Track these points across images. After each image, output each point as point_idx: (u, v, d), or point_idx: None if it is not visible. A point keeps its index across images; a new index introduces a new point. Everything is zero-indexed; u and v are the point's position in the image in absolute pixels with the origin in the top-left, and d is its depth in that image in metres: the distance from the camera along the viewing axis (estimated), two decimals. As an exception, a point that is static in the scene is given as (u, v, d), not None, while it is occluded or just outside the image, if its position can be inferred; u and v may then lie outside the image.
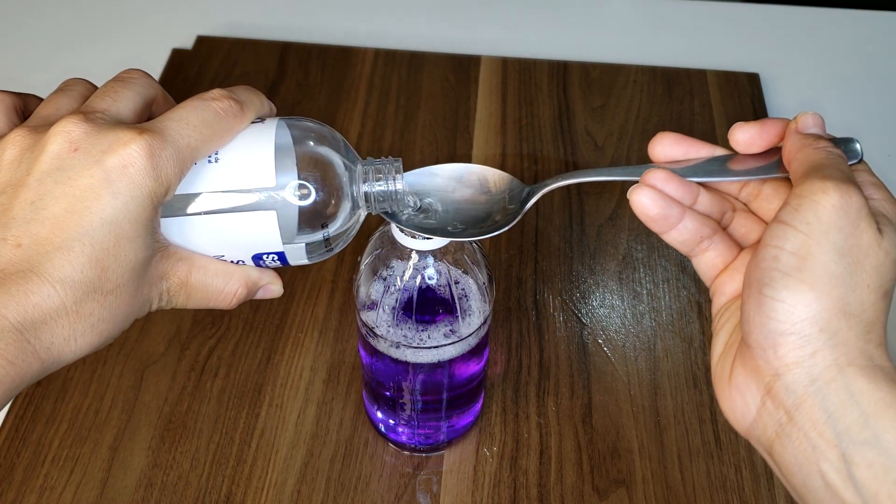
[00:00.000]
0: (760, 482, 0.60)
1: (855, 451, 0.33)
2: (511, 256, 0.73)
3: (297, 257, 0.41)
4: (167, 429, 0.62)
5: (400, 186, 0.42)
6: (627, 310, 0.69)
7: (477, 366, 0.57)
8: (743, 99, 0.87)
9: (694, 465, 0.60)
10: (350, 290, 0.70)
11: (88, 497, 0.58)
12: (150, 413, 0.63)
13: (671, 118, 0.85)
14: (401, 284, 0.51)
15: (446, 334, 0.52)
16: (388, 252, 0.51)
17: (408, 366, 0.54)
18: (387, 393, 0.57)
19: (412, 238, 0.47)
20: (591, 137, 0.83)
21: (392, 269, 0.51)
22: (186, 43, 0.92)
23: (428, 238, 0.47)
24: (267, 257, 0.40)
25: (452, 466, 0.60)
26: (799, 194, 0.35)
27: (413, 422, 0.58)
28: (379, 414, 0.60)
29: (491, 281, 0.53)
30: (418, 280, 0.51)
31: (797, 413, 0.35)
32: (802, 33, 0.97)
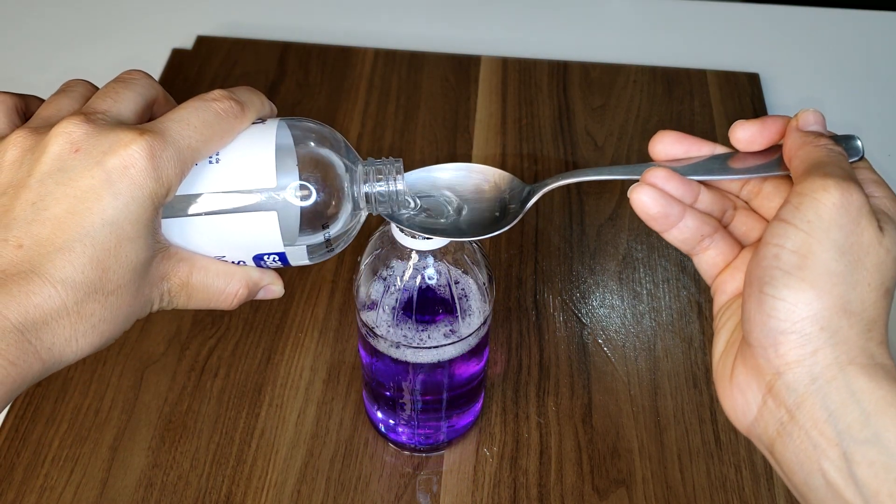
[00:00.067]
0: (760, 482, 0.60)
1: (856, 450, 0.33)
2: (511, 256, 0.73)
3: (298, 258, 0.41)
4: (167, 429, 0.62)
5: (401, 187, 0.42)
6: (627, 310, 0.69)
7: (477, 366, 0.57)
8: (743, 99, 0.87)
9: (694, 465, 0.60)
10: (350, 290, 0.70)
11: (88, 497, 0.58)
12: (150, 413, 0.63)
13: (671, 118, 0.85)
14: (401, 284, 0.51)
15: (446, 334, 0.52)
16: (388, 252, 0.51)
17: (408, 366, 0.53)
18: (387, 393, 0.57)
19: (412, 238, 0.47)
20: (591, 137, 0.83)
21: (392, 269, 0.51)
22: (186, 43, 0.92)
23: (428, 238, 0.47)
24: (268, 258, 0.40)
25: (452, 466, 0.60)
26: (800, 192, 0.35)
27: (413, 422, 0.58)
28: (379, 414, 0.60)
29: (491, 281, 0.53)
30: (418, 280, 0.50)
31: (798, 412, 0.35)
32: (802, 33, 0.97)
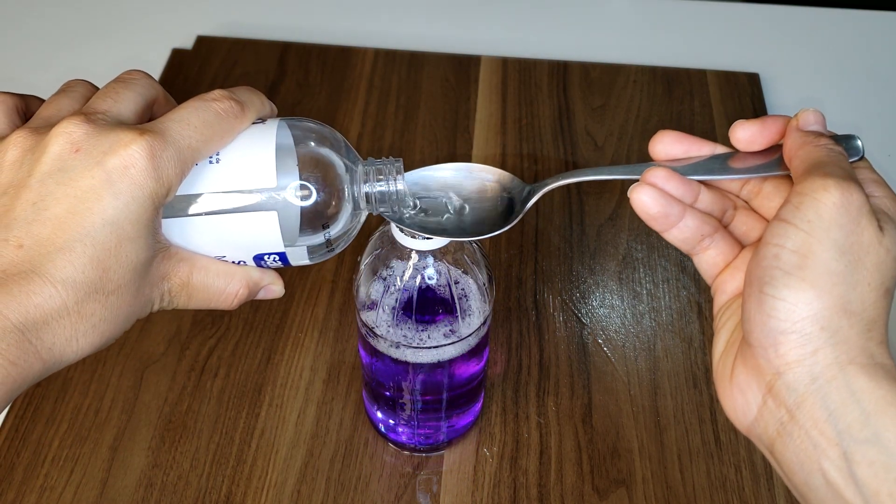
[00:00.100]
0: (760, 482, 0.60)
1: (856, 450, 0.33)
2: (511, 256, 0.73)
3: (299, 257, 0.41)
4: (167, 429, 0.62)
5: (401, 187, 0.42)
6: (627, 310, 0.69)
7: (477, 366, 0.57)
8: (743, 99, 0.87)
9: (694, 465, 0.60)
10: (350, 290, 0.70)
11: (88, 497, 0.58)
12: (150, 413, 0.63)
13: (671, 118, 0.85)
14: (401, 284, 0.51)
15: (446, 334, 0.52)
16: (388, 252, 0.51)
17: (408, 366, 0.53)
18: (387, 393, 0.57)
19: (412, 238, 0.47)
20: (591, 137, 0.83)
21: (392, 269, 0.51)
22: (186, 43, 0.92)
23: (428, 238, 0.47)
24: (268, 258, 0.40)
25: (452, 466, 0.60)
26: (800, 192, 0.35)
27: (413, 422, 0.58)
28: (379, 414, 0.60)
29: (491, 281, 0.53)
30: (418, 280, 0.50)
31: (798, 411, 0.35)
32: (802, 33, 0.97)
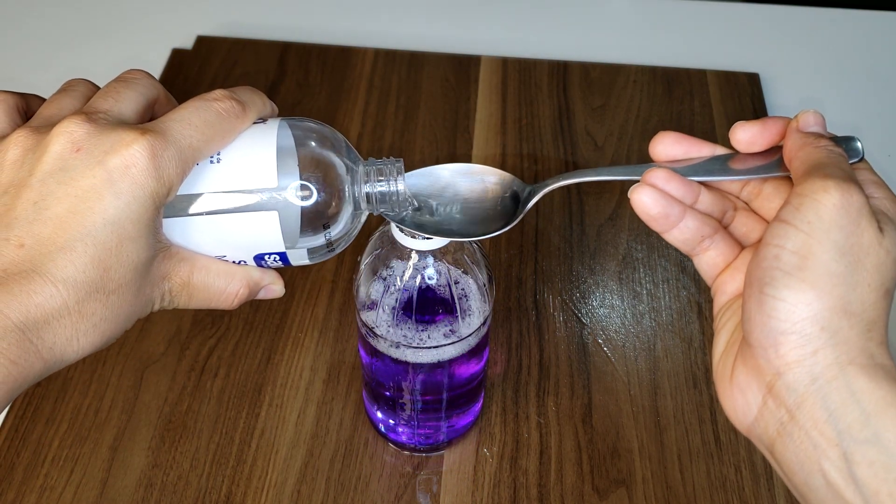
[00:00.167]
0: (760, 482, 0.60)
1: (856, 450, 0.33)
2: (511, 256, 0.73)
3: (299, 257, 0.41)
4: (167, 429, 0.62)
5: (402, 187, 0.42)
6: (627, 310, 0.70)
7: (477, 366, 0.57)
8: (743, 99, 0.87)
9: (694, 465, 0.60)
10: (350, 290, 0.70)
11: (88, 497, 0.58)
12: (150, 413, 0.63)
13: (671, 118, 0.85)
14: (401, 284, 0.51)
15: (446, 334, 0.52)
16: (388, 252, 0.51)
17: (408, 366, 0.54)
18: (387, 393, 0.57)
19: (412, 238, 0.47)
20: (591, 137, 0.83)
21: (392, 269, 0.51)
22: (186, 43, 0.92)
23: (428, 238, 0.47)
24: (269, 257, 0.40)
25: (452, 466, 0.60)
26: (800, 193, 0.35)
27: (413, 422, 0.58)
28: (379, 414, 0.60)
29: (491, 281, 0.53)
30: (418, 280, 0.51)
31: (798, 412, 0.35)
32: (802, 33, 0.97)
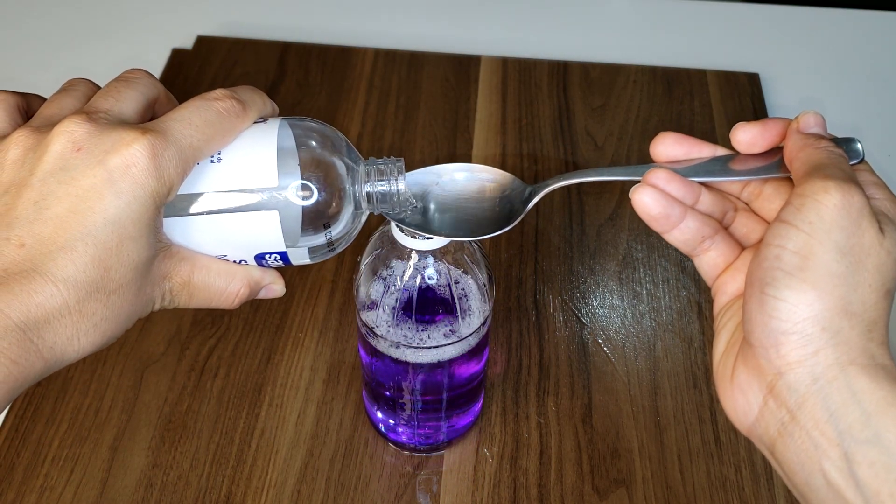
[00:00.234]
0: (760, 482, 0.60)
1: (857, 450, 0.33)
2: (511, 256, 0.73)
3: (300, 257, 0.41)
4: (167, 429, 0.62)
5: (402, 186, 0.42)
6: (627, 310, 0.70)
7: (477, 366, 0.57)
8: (743, 99, 0.87)
9: (694, 465, 0.60)
10: (350, 290, 0.70)
11: (88, 497, 0.58)
12: (150, 413, 0.63)
13: (671, 118, 0.85)
14: (401, 284, 0.51)
15: (446, 334, 0.52)
16: (388, 252, 0.51)
17: (408, 366, 0.53)
18: (387, 393, 0.57)
19: (412, 238, 0.47)
20: (591, 137, 0.83)
21: (392, 269, 0.51)
22: (186, 43, 0.92)
23: (428, 238, 0.47)
24: (269, 257, 0.40)
25: (452, 466, 0.60)
26: (801, 194, 0.35)
27: (413, 422, 0.58)
28: (379, 414, 0.60)
29: (491, 281, 0.53)
30: (418, 280, 0.51)
31: (799, 412, 0.35)
32: (802, 33, 0.97)
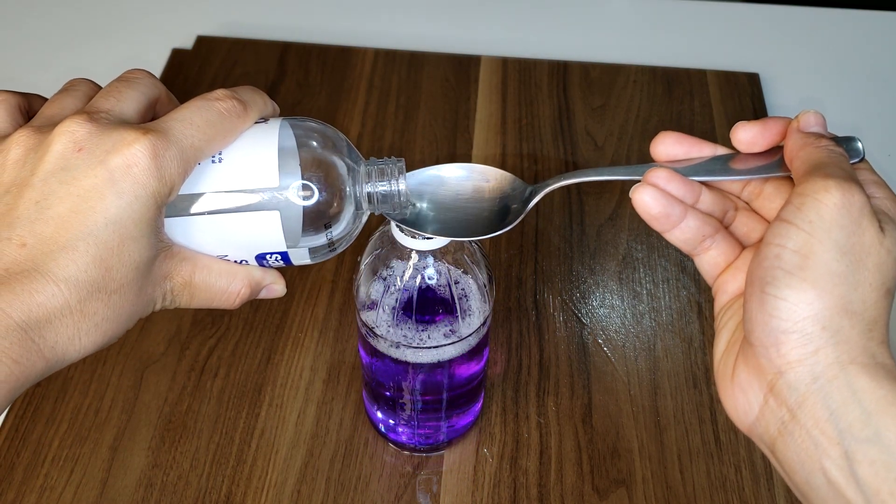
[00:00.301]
0: (760, 482, 0.60)
1: (857, 449, 0.33)
2: (511, 256, 0.73)
3: (301, 257, 0.41)
4: (167, 429, 0.62)
5: (403, 187, 0.42)
6: (627, 310, 0.70)
7: (477, 366, 0.57)
8: (743, 99, 0.87)
9: (694, 465, 0.60)
10: (350, 290, 0.70)
11: (88, 497, 0.58)
12: (150, 413, 0.63)
13: (671, 118, 0.85)
14: (401, 284, 0.51)
15: (446, 334, 0.52)
16: (388, 252, 0.51)
17: (408, 366, 0.54)
18: (387, 393, 0.57)
19: (412, 238, 0.47)
20: (591, 137, 0.83)
21: (392, 269, 0.51)
22: (186, 43, 0.92)
23: (428, 238, 0.47)
24: (270, 257, 0.41)
25: (452, 466, 0.60)
26: (801, 193, 0.35)
27: (413, 422, 0.58)
28: (379, 414, 0.60)
29: (491, 281, 0.53)
30: (418, 280, 0.51)
31: (800, 411, 0.35)
32: (802, 33, 0.97)
